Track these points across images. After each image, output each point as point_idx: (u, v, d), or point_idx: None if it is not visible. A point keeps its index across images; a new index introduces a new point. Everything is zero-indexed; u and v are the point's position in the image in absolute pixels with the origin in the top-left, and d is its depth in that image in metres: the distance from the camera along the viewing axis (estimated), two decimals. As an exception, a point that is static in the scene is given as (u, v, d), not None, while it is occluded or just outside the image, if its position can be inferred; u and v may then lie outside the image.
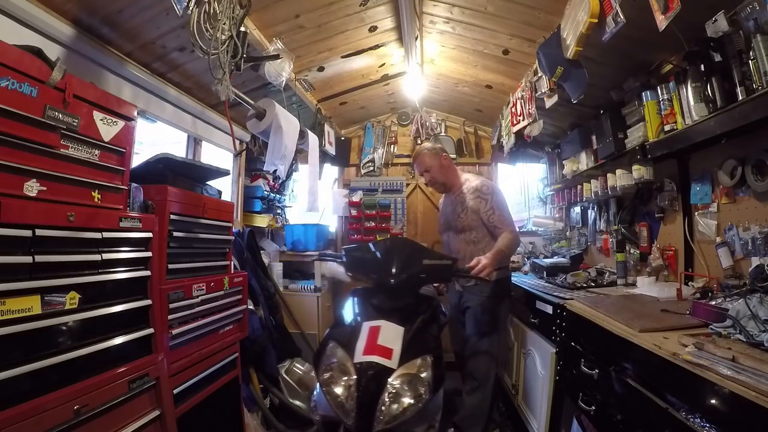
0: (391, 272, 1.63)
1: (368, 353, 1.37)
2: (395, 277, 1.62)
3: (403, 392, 1.33)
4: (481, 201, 2.16)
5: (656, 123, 1.77)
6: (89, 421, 1.10)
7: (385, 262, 1.69)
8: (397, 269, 1.64)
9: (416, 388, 1.34)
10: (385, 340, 1.41)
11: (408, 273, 1.65)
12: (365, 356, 1.36)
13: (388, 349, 1.38)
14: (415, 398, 1.32)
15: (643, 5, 1.35)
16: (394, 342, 1.40)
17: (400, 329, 1.45)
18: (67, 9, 1.51)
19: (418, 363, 1.38)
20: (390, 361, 1.35)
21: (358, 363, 1.36)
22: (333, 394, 1.36)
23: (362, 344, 1.40)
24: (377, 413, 1.28)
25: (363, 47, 2.63)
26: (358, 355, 1.38)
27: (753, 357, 0.93)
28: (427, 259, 1.73)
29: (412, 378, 1.35)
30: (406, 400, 1.32)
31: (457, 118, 3.96)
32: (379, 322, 1.47)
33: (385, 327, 1.45)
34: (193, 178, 1.83)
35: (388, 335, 1.42)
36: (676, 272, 2.00)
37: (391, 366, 1.34)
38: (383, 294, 1.66)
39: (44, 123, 1.07)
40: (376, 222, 3.82)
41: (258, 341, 2.34)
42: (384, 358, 1.36)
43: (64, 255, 1.11)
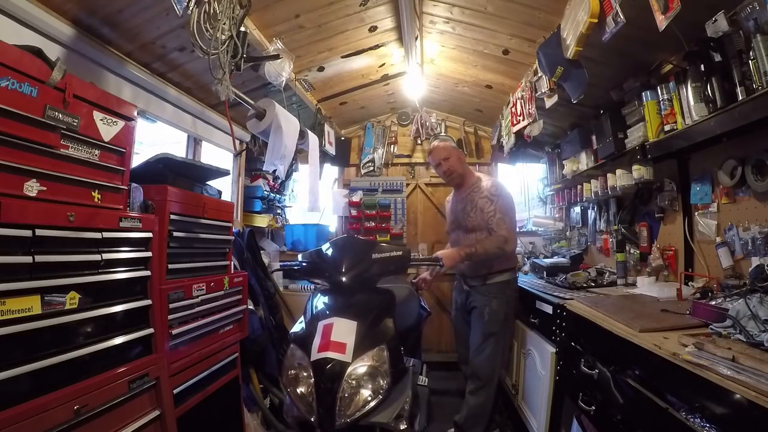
0: (341, 270, 1.66)
1: (323, 350, 1.39)
2: (345, 274, 1.65)
3: (361, 384, 1.35)
4: (488, 201, 2.16)
5: (656, 123, 1.77)
6: (89, 421, 1.10)
7: (334, 262, 1.72)
8: (345, 267, 1.67)
9: (374, 379, 1.37)
10: (338, 336, 1.42)
11: (357, 269, 1.68)
12: (320, 353, 1.38)
13: (342, 344, 1.40)
14: (374, 389, 1.35)
15: (643, 5, 1.35)
16: (347, 337, 1.41)
17: (353, 324, 1.46)
18: (67, 9, 1.51)
19: (372, 354, 1.40)
20: (344, 356, 1.37)
21: (314, 360, 1.38)
22: (296, 394, 1.39)
23: (317, 342, 1.42)
24: (337, 407, 1.30)
25: (363, 47, 2.63)
26: (313, 353, 1.39)
27: (753, 357, 0.93)
28: (375, 253, 1.74)
29: (368, 370, 1.37)
30: (364, 391, 1.34)
31: (457, 118, 3.96)
32: (332, 320, 1.49)
33: (338, 323, 1.47)
34: (193, 178, 1.83)
35: (340, 331, 1.44)
36: (676, 272, 2.00)
37: (345, 360, 1.36)
38: (338, 293, 1.68)
39: (44, 123, 1.07)
40: (376, 222, 3.82)
41: (258, 341, 2.34)
42: (338, 353, 1.37)
43: (64, 255, 1.11)
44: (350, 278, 1.65)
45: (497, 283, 2.18)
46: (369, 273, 1.72)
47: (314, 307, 1.67)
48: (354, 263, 1.69)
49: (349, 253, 1.74)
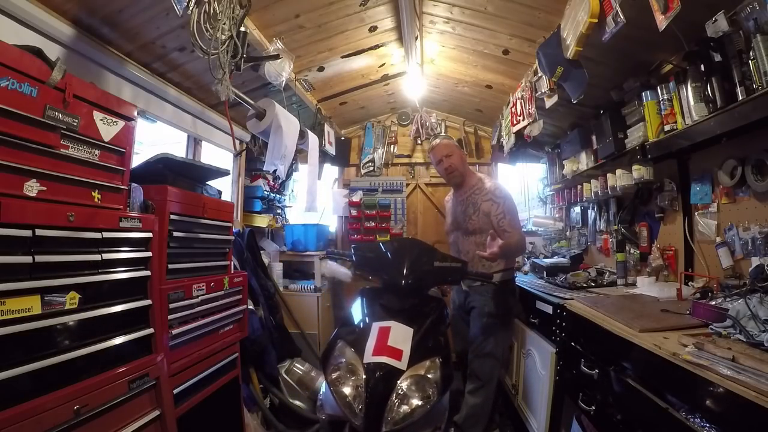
0: (402, 273, 1.63)
1: (378, 354, 1.37)
2: (406, 278, 1.62)
3: (411, 394, 1.32)
4: (493, 204, 2.15)
5: (656, 123, 1.77)
6: (89, 421, 1.10)
7: (395, 263, 1.69)
8: (407, 270, 1.64)
9: (425, 390, 1.34)
10: (394, 341, 1.41)
11: (419, 274, 1.65)
12: (375, 357, 1.36)
13: (398, 350, 1.38)
14: (424, 400, 1.33)
15: (643, 5, 1.35)
16: (404, 343, 1.40)
17: (409, 330, 1.45)
18: (67, 9, 1.51)
19: (427, 365, 1.39)
20: (400, 363, 1.35)
21: (367, 363, 1.36)
22: (341, 394, 1.35)
23: (372, 345, 1.40)
24: (386, 414, 1.28)
25: (363, 47, 2.63)
26: (367, 356, 1.37)
27: (753, 357, 0.93)
28: (437, 261, 1.72)
29: (420, 379, 1.35)
30: (414, 401, 1.32)
31: (457, 118, 3.96)
32: (389, 323, 1.47)
33: (395, 328, 1.45)
34: (193, 178, 1.83)
35: (397, 336, 1.42)
36: (676, 272, 2.00)
37: (400, 367, 1.34)
38: (392, 294, 1.66)
39: (44, 123, 1.06)
40: (376, 222, 3.82)
41: (258, 341, 2.34)
42: (394, 359, 1.36)
43: (64, 255, 1.10)
44: (411, 282, 1.62)
45: (496, 284, 2.18)
46: (428, 279, 1.71)
47: (367, 306, 1.64)
48: (417, 267, 1.67)
49: (413, 256, 1.71)
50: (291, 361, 2.66)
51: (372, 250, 1.86)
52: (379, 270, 1.79)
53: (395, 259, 1.71)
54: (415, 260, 1.69)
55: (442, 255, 1.79)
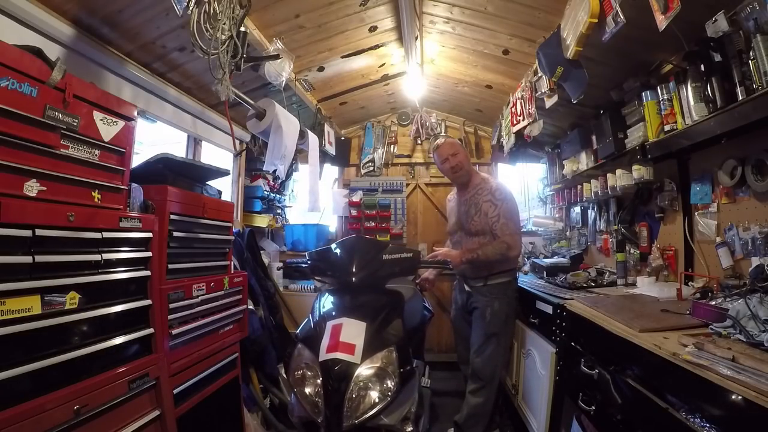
0: (351, 271, 1.65)
1: (331, 351, 1.39)
2: (355, 274, 1.65)
3: (369, 385, 1.35)
4: (491, 206, 2.16)
5: (656, 123, 1.77)
6: (89, 421, 1.10)
7: (345, 262, 1.71)
8: (356, 267, 1.66)
9: (382, 380, 1.36)
10: (347, 337, 1.42)
11: (368, 270, 1.68)
12: (329, 354, 1.38)
13: (351, 344, 1.39)
14: (382, 391, 1.35)
15: (643, 5, 1.35)
16: (356, 338, 1.41)
17: (362, 324, 1.46)
18: (67, 9, 1.51)
19: (381, 356, 1.40)
20: (353, 357, 1.37)
21: (322, 361, 1.37)
22: (303, 394, 1.39)
23: (326, 342, 1.42)
24: (345, 408, 1.29)
25: (363, 47, 2.63)
26: (322, 354, 1.39)
27: (753, 357, 0.93)
28: (386, 254, 1.74)
29: (376, 371, 1.37)
30: (373, 393, 1.34)
31: (457, 118, 3.96)
32: (341, 320, 1.48)
33: (347, 324, 1.47)
34: (193, 178, 1.83)
35: (350, 331, 1.44)
36: (676, 272, 2.00)
37: (354, 361, 1.36)
38: (347, 293, 1.68)
39: (44, 123, 1.07)
40: (376, 222, 3.82)
41: (258, 341, 2.34)
42: (347, 354, 1.37)
43: (64, 255, 1.11)
44: (360, 278, 1.65)
45: (498, 284, 2.18)
46: (379, 274, 1.72)
47: (322, 307, 1.66)
48: (364, 263, 1.69)
49: (359, 254, 1.73)
50: (291, 361, 2.66)
51: (322, 255, 1.88)
52: (330, 272, 1.81)
53: (343, 259, 1.74)
54: (362, 257, 1.71)
55: (393, 248, 1.80)
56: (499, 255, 2.08)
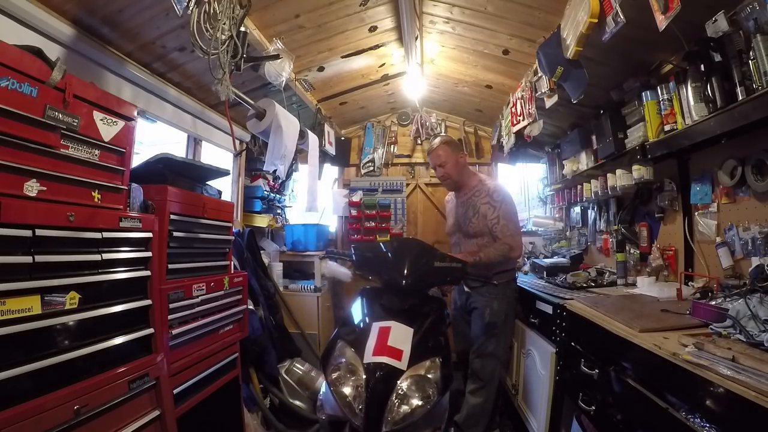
0: (403, 273, 1.63)
1: (378, 354, 1.37)
2: (406, 278, 1.62)
3: (411, 394, 1.32)
4: (490, 207, 2.15)
5: (656, 123, 1.77)
6: (89, 421, 1.10)
7: (396, 263, 1.69)
8: (408, 270, 1.63)
9: (425, 390, 1.34)
10: (394, 341, 1.40)
11: (419, 275, 1.65)
12: (375, 357, 1.36)
13: (398, 350, 1.38)
14: (424, 400, 1.32)
15: (643, 5, 1.35)
16: (404, 343, 1.40)
17: (409, 330, 1.45)
18: (67, 9, 1.51)
19: (427, 365, 1.38)
20: (400, 363, 1.35)
21: (367, 363, 1.36)
22: (341, 394, 1.35)
23: (372, 345, 1.40)
24: (386, 414, 1.27)
25: (363, 47, 2.63)
26: (367, 356, 1.37)
27: (753, 357, 0.93)
28: (438, 261, 1.72)
29: (420, 379, 1.35)
30: (414, 401, 1.32)
31: (457, 118, 3.96)
32: (389, 323, 1.47)
33: (395, 328, 1.45)
34: (193, 178, 1.83)
35: (397, 336, 1.42)
36: (676, 272, 2.00)
37: (400, 367, 1.34)
38: (392, 294, 1.65)
39: (44, 123, 1.06)
40: (376, 222, 3.82)
41: (258, 341, 2.34)
42: (394, 359, 1.36)
43: (64, 255, 1.10)
44: (412, 282, 1.62)
45: (498, 285, 2.18)
46: (428, 280, 1.71)
47: (366, 306, 1.64)
48: (417, 267, 1.66)
49: (413, 256, 1.71)
50: (291, 361, 2.66)
51: (372, 250, 1.86)
52: (379, 270, 1.79)
53: (395, 259, 1.71)
54: (415, 260, 1.69)
55: (442, 255, 1.79)
56: (502, 256, 2.08)
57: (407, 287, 1.62)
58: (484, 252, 2.07)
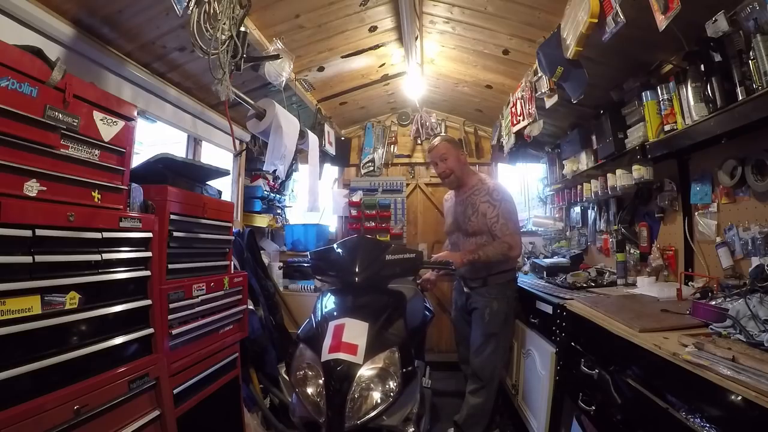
0: (354, 271, 1.65)
1: (334, 351, 1.38)
2: (358, 274, 1.64)
3: (371, 386, 1.34)
4: (489, 206, 2.15)
5: (656, 123, 1.77)
6: (89, 421, 1.10)
7: (347, 262, 1.71)
8: (359, 267, 1.66)
9: (385, 382, 1.36)
10: (349, 337, 1.41)
11: (370, 270, 1.67)
12: (331, 354, 1.37)
13: (353, 345, 1.39)
14: (384, 392, 1.34)
15: (643, 5, 1.35)
16: (359, 338, 1.41)
17: (364, 325, 1.45)
18: (67, 9, 1.51)
19: (383, 356, 1.39)
20: (355, 357, 1.36)
21: (324, 361, 1.37)
22: (305, 394, 1.38)
23: (328, 343, 1.41)
24: (347, 409, 1.29)
25: (363, 47, 2.63)
26: (324, 354, 1.39)
27: (753, 357, 0.93)
28: (389, 255, 1.74)
29: (379, 372, 1.36)
30: (375, 394, 1.34)
31: (457, 118, 3.96)
32: (343, 320, 1.48)
33: (349, 324, 1.46)
34: (193, 178, 1.83)
35: (352, 332, 1.43)
36: (676, 272, 2.00)
37: (356, 361, 1.35)
38: (349, 293, 1.67)
39: (44, 123, 1.06)
40: (376, 222, 3.82)
41: (258, 341, 2.34)
42: (349, 354, 1.36)
43: (64, 255, 1.10)
44: (363, 279, 1.64)
45: (497, 285, 2.18)
46: (381, 274, 1.72)
47: (324, 307, 1.66)
48: (367, 264, 1.68)
49: (362, 254, 1.73)
50: (291, 361, 2.66)
51: (324, 254, 1.88)
52: (333, 271, 1.80)
53: (346, 259, 1.73)
54: (365, 257, 1.71)
55: (396, 248, 1.80)
56: (501, 255, 2.08)
57: (361, 284, 1.64)
58: (483, 250, 2.07)
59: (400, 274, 1.79)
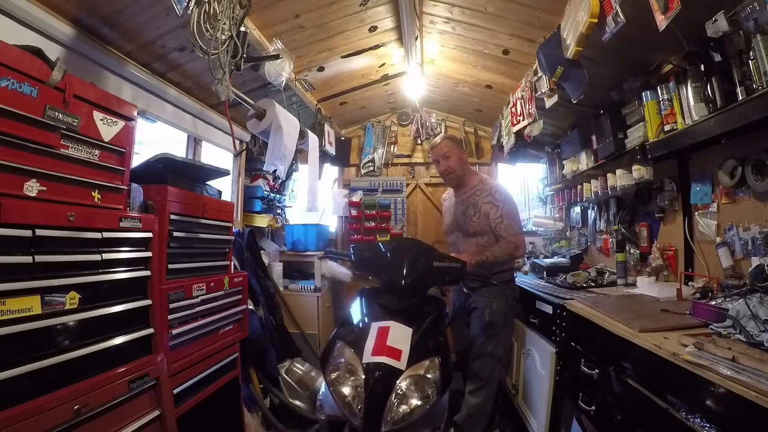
0: (402, 273, 1.62)
1: (377, 354, 1.37)
2: (405, 278, 1.61)
3: (410, 394, 1.32)
4: (492, 207, 2.15)
5: (656, 123, 1.77)
6: (89, 421, 1.10)
7: (395, 263, 1.68)
8: (407, 270, 1.63)
9: (424, 390, 1.34)
10: (393, 341, 1.40)
11: (418, 275, 1.65)
12: (374, 357, 1.36)
13: (397, 350, 1.38)
14: (423, 400, 1.32)
15: (643, 5, 1.35)
16: (403, 343, 1.40)
17: (408, 330, 1.44)
18: (67, 9, 1.51)
19: (426, 364, 1.38)
20: (399, 362, 1.35)
21: (366, 363, 1.35)
22: (340, 394, 1.35)
23: (371, 344, 1.40)
24: (385, 414, 1.27)
25: (363, 47, 2.63)
26: (366, 356, 1.37)
27: (753, 357, 0.93)
28: (437, 261, 1.72)
29: (419, 379, 1.35)
30: (413, 401, 1.32)
31: (457, 118, 3.96)
32: (388, 323, 1.46)
33: (394, 328, 1.45)
34: (193, 178, 1.83)
35: (396, 336, 1.42)
36: (676, 272, 2.00)
37: (399, 367, 1.34)
38: (391, 294, 1.65)
39: (44, 123, 1.06)
40: (376, 222, 3.82)
41: (258, 341, 2.34)
42: (393, 359, 1.35)
43: (64, 255, 1.10)
44: (411, 282, 1.62)
45: (497, 285, 2.18)
46: (427, 280, 1.71)
47: (366, 306, 1.64)
48: (416, 267, 1.66)
49: (412, 256, 1.70)
50: (291, 361, 2.66)
51: (371, 250, 1.85)
52: (378, 270, 1.79)
53: (394, 259, 1.71)
54: (414, 260, 1.69)
55: (441, 255, 1.79)
56: (508, 255, 2.08)
57: (406, 287, 1.62)
58: (490, 251, 2.06)
59: (443, 282, 1.78)
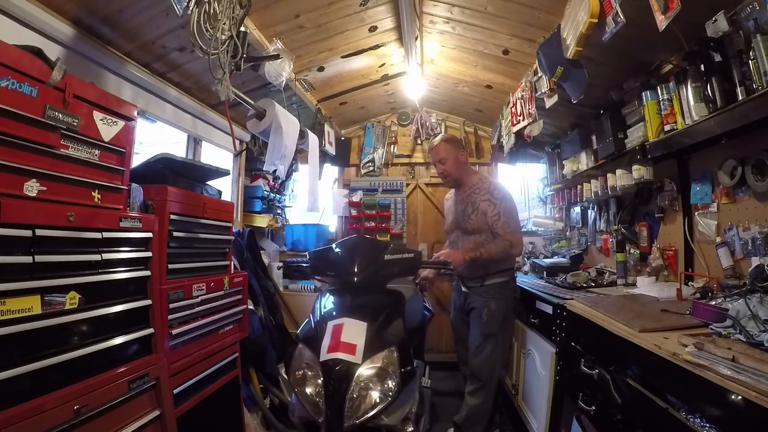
0: (353, 271, 1.65)
1: (332, 351, 1.38)
2: (357, 274, 1.64)
3: (370, 386, 1.35)
4: (490, 205, 2.15)
5: (656, 123, 1.77)
6: (89, 421, 1.10)
7: (346, 262, 1.71)
8: (358, 267, 1.66)
9: (384, 381, 1.36)
10: (348, 337, 1.41)
11: (369, 270, 1.68)
12: (329, 354, 1.38)
13: (352, 345, 1.39)
14: (383, 391, 1.35)
15: (643, 5, 1.35)
16: (357, 338, 1.41)
17: (363, 324, 1.46)
18: (67, 9, 1.51)
19: (382, 356, 1.40)
20: (354, 357, 1.36)
21: (323, 361, 1.37)
22: (304, 394, 1.39)
23: (327, 342, 1.42)
24: (346, 409, 1.29)
25: (363, 47, 2.63)
26: (323, 354, 1.39)
27: (753, 357, 0.93)
28: (388, 255, 1.74)
29: (377, 371, 1.37)
30: (374, 393, 1.34)
31: (457, 118, 3.96)
32: (342, 320, 1.48)
33: (348, 324, 1.46)
34: (193, 178, 1.83)
35: (350, 331, 1.43)
36: (676, 272, 2.00)
37: (355, 361, 1.36)
38: (348, 293, 1.67)
39: (44, 123, 1.06)
40: (376, 222, 3.82)
41: (258, 341, 2.34)
42: (348, 354, 1.37)
43: (64, 255, 1.10)
44: (362, 278, 1.64)
45: (495, 284, 2.18)
46: (380, 274, 1.72)
47: (323, 307, 1.66)
48: (366, 263, 1.68)
49: (361, 253, 1.73)
50: (291, 361, 2.66)
51: (323, 254, 1.88)
52: (333, 272, 1.81)
53: (345, 259, 1.73)
54: (364, 256, 1.71)
55: (395, 248, 1.80)
56: (503, 253, 2.08)
57: (359, 283, 1.64)
58: (484, 248, 2.07)
59: (398, 274, 1.79)
